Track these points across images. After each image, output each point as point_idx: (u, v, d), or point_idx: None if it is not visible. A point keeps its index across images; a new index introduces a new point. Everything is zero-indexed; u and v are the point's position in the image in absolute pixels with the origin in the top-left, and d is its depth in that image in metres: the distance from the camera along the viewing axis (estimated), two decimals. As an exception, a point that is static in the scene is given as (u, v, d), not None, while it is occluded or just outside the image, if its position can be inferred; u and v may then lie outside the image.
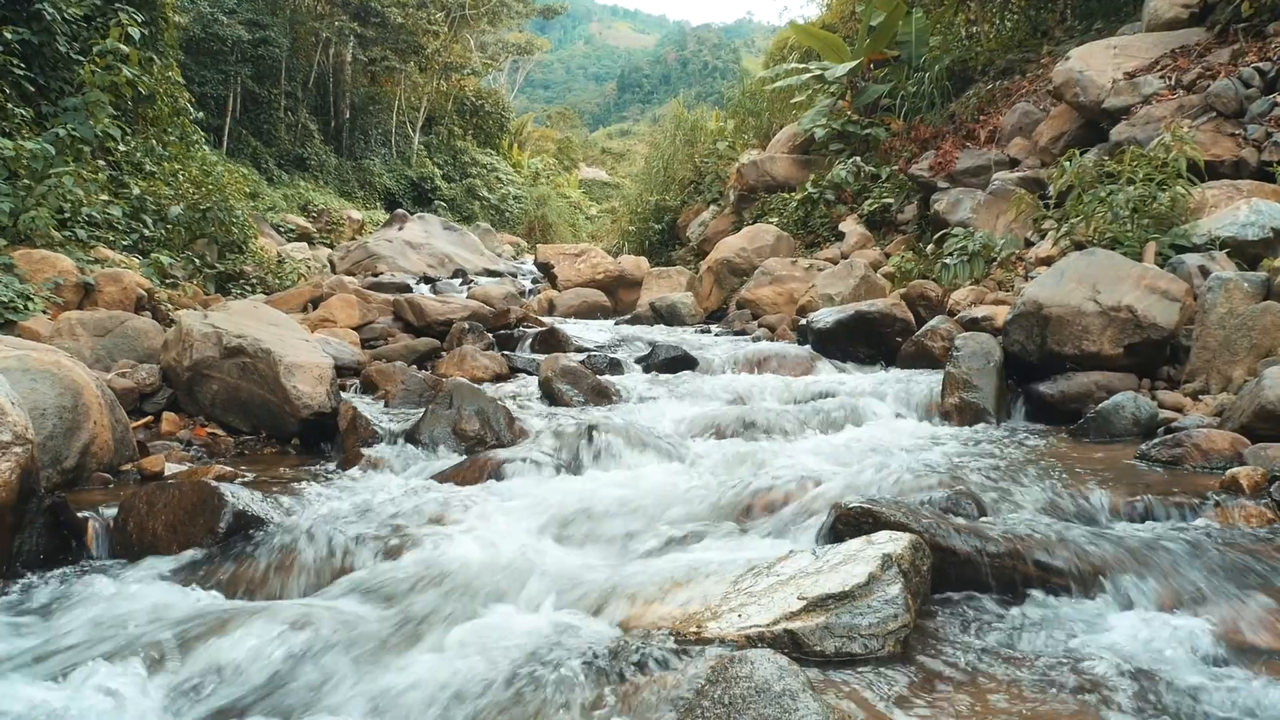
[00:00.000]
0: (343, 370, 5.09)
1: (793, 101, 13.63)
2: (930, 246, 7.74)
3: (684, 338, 7.36)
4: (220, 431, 4.11)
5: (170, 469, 3.46)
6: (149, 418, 4.18)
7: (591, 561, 2.55)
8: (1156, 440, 3.23)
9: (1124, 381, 4.04)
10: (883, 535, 2.19)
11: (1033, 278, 5.28)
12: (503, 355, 5.85)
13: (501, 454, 3.60)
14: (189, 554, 2.58)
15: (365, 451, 3.71)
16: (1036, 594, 2.19)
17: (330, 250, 18.22)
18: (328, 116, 27.94)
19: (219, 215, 9.14)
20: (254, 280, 9.38)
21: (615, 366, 5.81)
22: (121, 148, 8.50)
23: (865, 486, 2.87)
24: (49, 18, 8.19)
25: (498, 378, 5.46)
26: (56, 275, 5.73)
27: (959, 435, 3.90)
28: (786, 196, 11.15)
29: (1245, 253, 4.71)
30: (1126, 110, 6.71)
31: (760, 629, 1.88)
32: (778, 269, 8.55)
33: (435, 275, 15.29)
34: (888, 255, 8.60)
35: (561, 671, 1.82)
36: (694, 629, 1.93)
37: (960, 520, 2.45)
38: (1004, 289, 6.02)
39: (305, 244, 18.59)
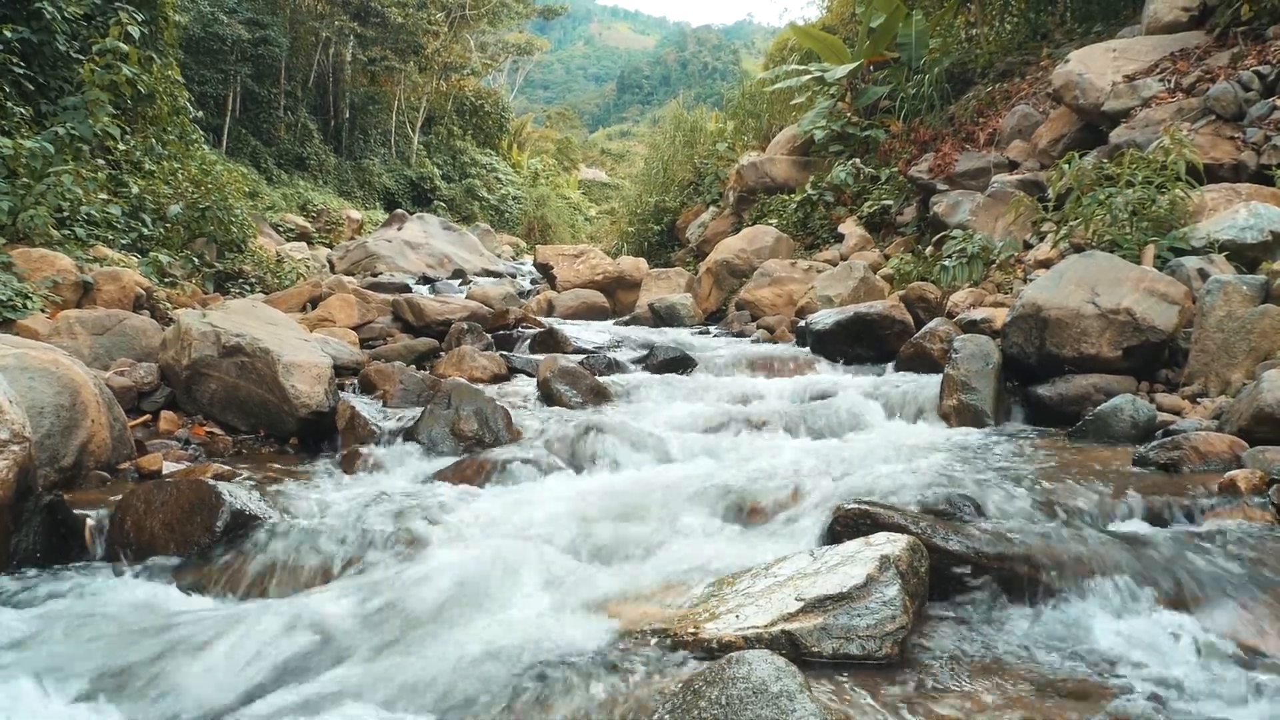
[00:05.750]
0: (341, 370, 5.08)
1: (792, 103, 13.63)
2: (929, 248, 7.73)
3: (683, 339, 7.36)
4: (218, 430, 4.10)
5: (168, 468, 3.46)
6: (147, 416, 4.18)
7: (588, 562, 2.55)
8: (1155, 443, 3.22)
9: (1122, 384, 4.04)
10: (880, 537, 2.19)
11: (1031, 280, 5.28)
12: (501, 356, 5.84)
13: (499, 454, 3.60)
14: (186, 553, 2.58)
15: (363, 451, 3.70)
16: (1034, 595, 2.19)
17: (329, 250, 18.22)
18: (327, 116, 27.95)
19: (218, 214, 9.13)
20: (253, 279, 9.37)
21: (614, 367, 5.81)
22: (121, 146, 8.50)
23: (863, 488, 2.86)
24: (49, 16, 8.18)
25: (496, 378, 5.46)
26: (55, 274, 5.73)
27: (957, 437, 3.90)
28: (786, 198, 11.15)
29: (1244, 256, 4.71)
30: (1126, 113, 6.71)
31: (758, 630, 1.88)
32: (777, 270, 8.54)
33: (434, 275, 15.28)
34: (887, 257, 8.60)
35: (557, 673, 1.82)
36: (691, 630, 1.93)
37: (958, 522, 2.45)
38: (1003, 291, 6.01)
39: (304, 243, 18.61)
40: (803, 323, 6.51)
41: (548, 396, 4.81)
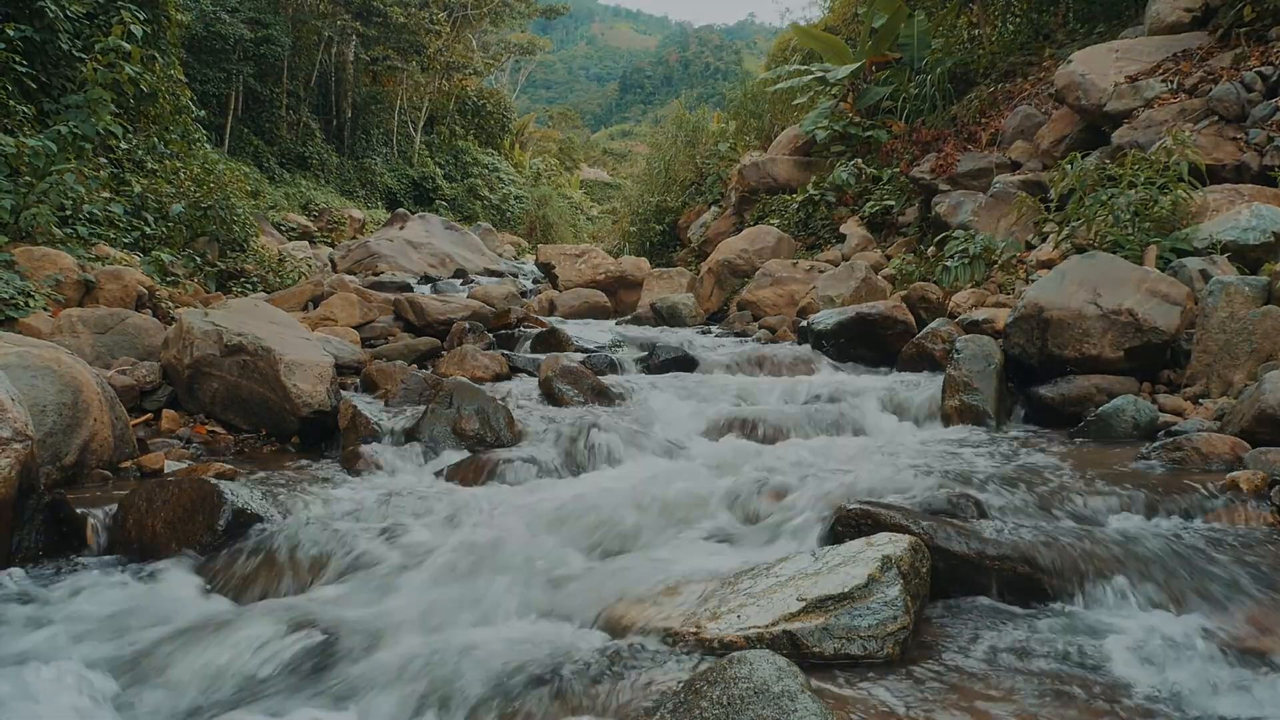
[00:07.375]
0: (343, 369, 5.09)
1: (794, 103, 13.63)
2: (931, 249, 7.73)
3: (684, 339, 7.36)
4: (220, 429, 4.10)
5: (170, 466, 3.46)
6: (149, 415, 4.18)
7: (590, 562, 2.55)
8: (1156, 444, 3.22)
9: (1124, 385, 4.04)
10: (882, 537, 2.19)
11: (1033, 280, 5.28)
12: (503, 355, 5.84)
13: (501, 453, 3.60)
14: (188, 551, 2.58)
15: (365, 450, 3.70)
16: (1036, 596, 2.19)
17: (331, 249, 18.23)
18: (329, 115, 27.95)
19: (220, 213, 9.14)
20: (255, 278, 9.38)
21: (615, 367, 5.81)
22: (123, 145, 8.51)
23: (865, 488, 2.86)
24: (51, 15, 8.19)
25: (498, 377, 5.46)
26: (57, 272, 5.73)
27: (959, 437, 3.90)
28: (788, 198, 11.15)
29: (1246, 257, 4.71)
30: (1128, 114, 6.71)
31: (759, 630, 1.88)
32: (779, 270, 8.54)
33: (436, 275, 15.29)
34: (889, 257, 8.59)
35: (560, 673, 1.82)
36: (693, 630, 1.93)
37: (960, 522, 2.44)
38: (1005, 292, 6.01)
39: (306, 243, 18.61)
40: (804, 323, 6.51)
41: (549, 396, 4.81)
